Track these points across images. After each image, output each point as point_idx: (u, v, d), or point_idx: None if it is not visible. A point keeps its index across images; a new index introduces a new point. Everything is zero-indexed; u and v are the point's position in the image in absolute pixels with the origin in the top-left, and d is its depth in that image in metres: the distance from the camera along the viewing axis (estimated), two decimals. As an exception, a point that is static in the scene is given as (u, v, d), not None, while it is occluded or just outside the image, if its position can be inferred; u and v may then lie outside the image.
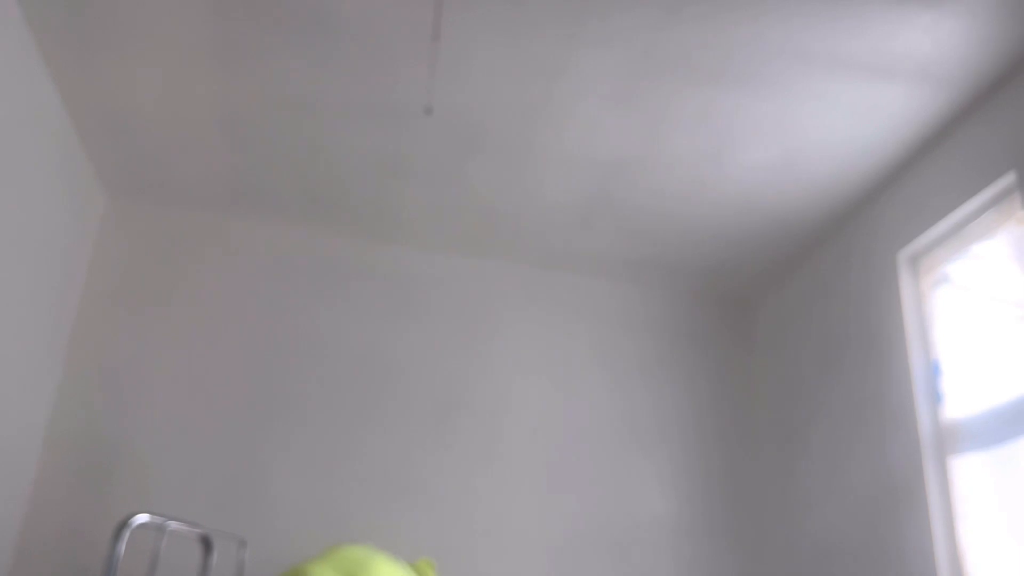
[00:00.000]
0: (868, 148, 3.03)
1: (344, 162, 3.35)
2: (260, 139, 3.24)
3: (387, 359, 3.78)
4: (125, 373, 3.48)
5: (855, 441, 3.21)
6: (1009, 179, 2.63)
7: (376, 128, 3.12)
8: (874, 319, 3.20)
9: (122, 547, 2.18)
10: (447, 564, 3.50)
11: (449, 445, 3.69)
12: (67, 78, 2.95)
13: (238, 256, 3.78)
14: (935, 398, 2.91)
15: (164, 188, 3.65)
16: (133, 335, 3.54)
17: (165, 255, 3.70)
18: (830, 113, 2.87)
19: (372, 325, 3.82)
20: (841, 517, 3.24)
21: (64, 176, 3.24)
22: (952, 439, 2.80)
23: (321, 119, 3.09)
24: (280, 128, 3.16)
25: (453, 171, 3.37)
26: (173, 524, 2.36)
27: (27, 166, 2.90)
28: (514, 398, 3.84)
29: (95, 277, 3.60)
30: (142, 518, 2.25)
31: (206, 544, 2.59)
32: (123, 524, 2.17)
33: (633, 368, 4.03)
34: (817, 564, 3.36)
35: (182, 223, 3.77)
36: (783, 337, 3.89)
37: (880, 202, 3.27)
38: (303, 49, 2.74)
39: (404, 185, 3.49)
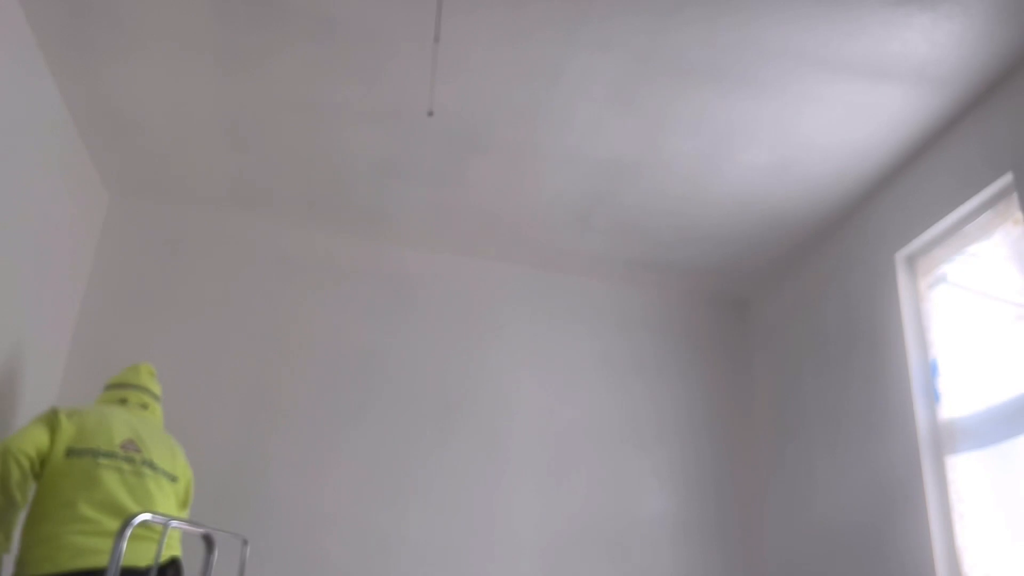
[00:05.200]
0: (865, 149, 3.04)
1: (345, 163, 3.36)
2: (262, 139, 3.25)
3: (387, 359, 3.79)
4: (127, 373, 3.49)
5: (853, 440, 3.22)
6: (1006, 180, 2.63)
7: (377, 129, 3.13)
8: (872, 319, 3.20)
9: (123, 545, 2.19)
10: (447, 563, 3.51)
11: (448, 445, 3.70)
12: (70, 78, 2.97)
13: (239, 256, 3.79)
14: (932, 397, 2.91)
15: (166, 188, 3.66)
16: (135, 333, 3.55)
17: (167, 255, 3.71)
18: (827, 114, 2.88)
19: (372, 325, 3.83)
20: (839, 516, 3.24)
21: (67, 175, 3.25)
22: (949, 438, 2.80)
23: (322, 120, 3.10)
24: (281, 129, 3.17)
25: (453, 172, 3.37)
26: (175, 522, 2.37)
27: (30, 165, 2.90)
28: (513, 398, 3.85)
29: (98, 276, 3.60)
30: (144, 516, 2.25)
31: (208, 543, 2.59)
32: (125, 522, 2.18)
33: (631, 368, 4.04)
34: (815, 563, 3.36)
35: (184, 222, 3.78)
36: (781, 337, 3.90)
37: (877, 203, 3.27)
38: (305, 51, 2.75)
39: (404, 186, 3.49)
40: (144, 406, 2.75)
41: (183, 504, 2.77)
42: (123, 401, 2.73)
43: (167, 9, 2.61)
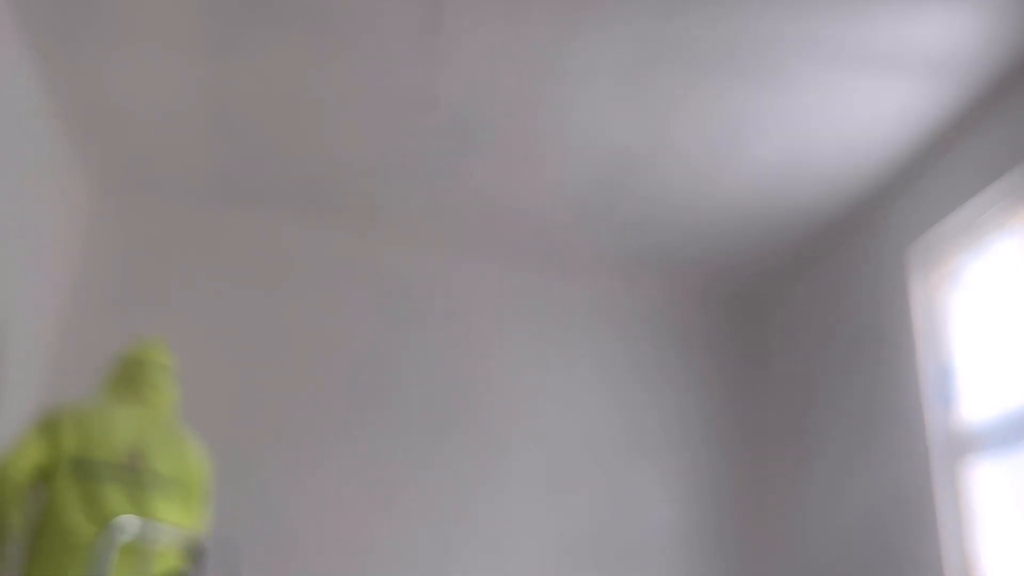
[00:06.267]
0: (878, 143, 2.99)
1: (339, 157, 3.30)
2: (253, 133, 3.20)
3: (385, 361, 3.72)
4: (117, 373, 3.43)
5: (864, 446, 3.17)
6: (1021, 174, 2.59)
7: (373, 122, 3.08)
8: (884, 319, 3.16)
9: (113, 552, 2.14)
10: (448, 571, 3.46)
11: (448, 449, 3.64)
12: (53, 70, 2.91)
13: (230, 254, 3.72)
14: (947, 401, 2.87)
15: (153, 183, 3.60)
16: (122, 334, 3.48)
17: (154, 251, 3.64)
18: (840, 108, 2.83)
19: (369, 325, 3.76)
20: (849, 524, 3.20)
21: (51, 169, 3.19)
22: (964, 444, 2.76)
23: (316, 113, 3.05)
24: (273, 122, 3.12)
25: (452, 166, 3.32)
26: (165, 534, 2.31)
27: (12, 159, 2.85)
28: (515, 401, 3.79)
29: (83, 274, 3.54)
30: (130, 529, 2.20)
31: (199, 550, 2.54)
32: (109, 536, 2.12)
33: (636, 370, 3.98)
34: (825, 572, 3.32)
35: (173, 219, 3.71)
36: (791, 338, 3.84)
37: (890, 198, 3.23)
38: (298, 41, 2.71)
39: (401, 181, 3.43)
40: (157, 390, 2.67)
41: (198, 503, 2.69)
42: (134, 389, 2.63)
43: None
